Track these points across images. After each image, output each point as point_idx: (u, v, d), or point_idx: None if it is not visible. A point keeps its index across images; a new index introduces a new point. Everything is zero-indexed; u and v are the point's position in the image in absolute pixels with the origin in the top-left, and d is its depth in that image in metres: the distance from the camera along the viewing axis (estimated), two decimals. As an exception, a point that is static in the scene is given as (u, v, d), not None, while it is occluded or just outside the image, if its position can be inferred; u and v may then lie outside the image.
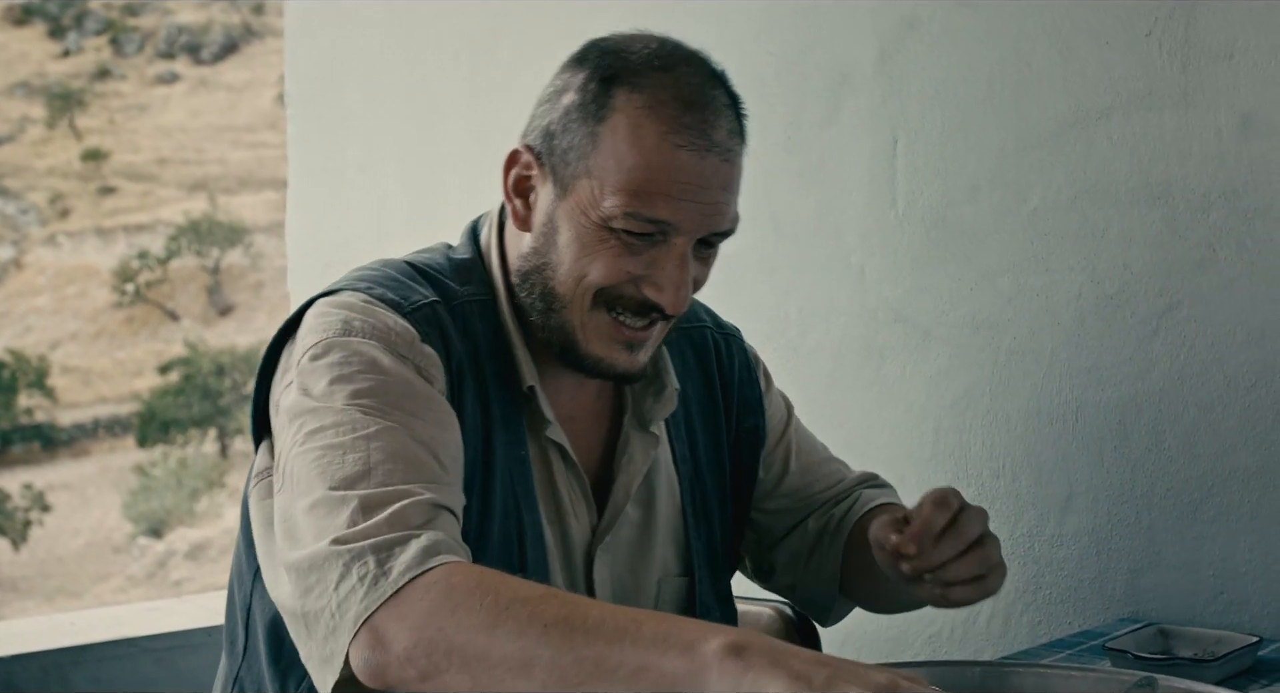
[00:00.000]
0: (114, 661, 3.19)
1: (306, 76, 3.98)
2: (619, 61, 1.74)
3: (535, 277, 1.77)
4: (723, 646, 1.33)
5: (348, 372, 1.65)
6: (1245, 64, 2.21)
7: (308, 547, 1.52)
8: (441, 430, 1.64)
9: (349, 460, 1.56)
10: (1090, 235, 2.39)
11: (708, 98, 1.74)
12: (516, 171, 1.80)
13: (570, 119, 1.74)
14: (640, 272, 1.72)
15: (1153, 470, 2.33)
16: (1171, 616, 2.31)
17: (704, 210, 1.71)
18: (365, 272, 1.82)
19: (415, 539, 1.49)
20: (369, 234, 3.78)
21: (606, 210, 1.69)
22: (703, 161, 1.70)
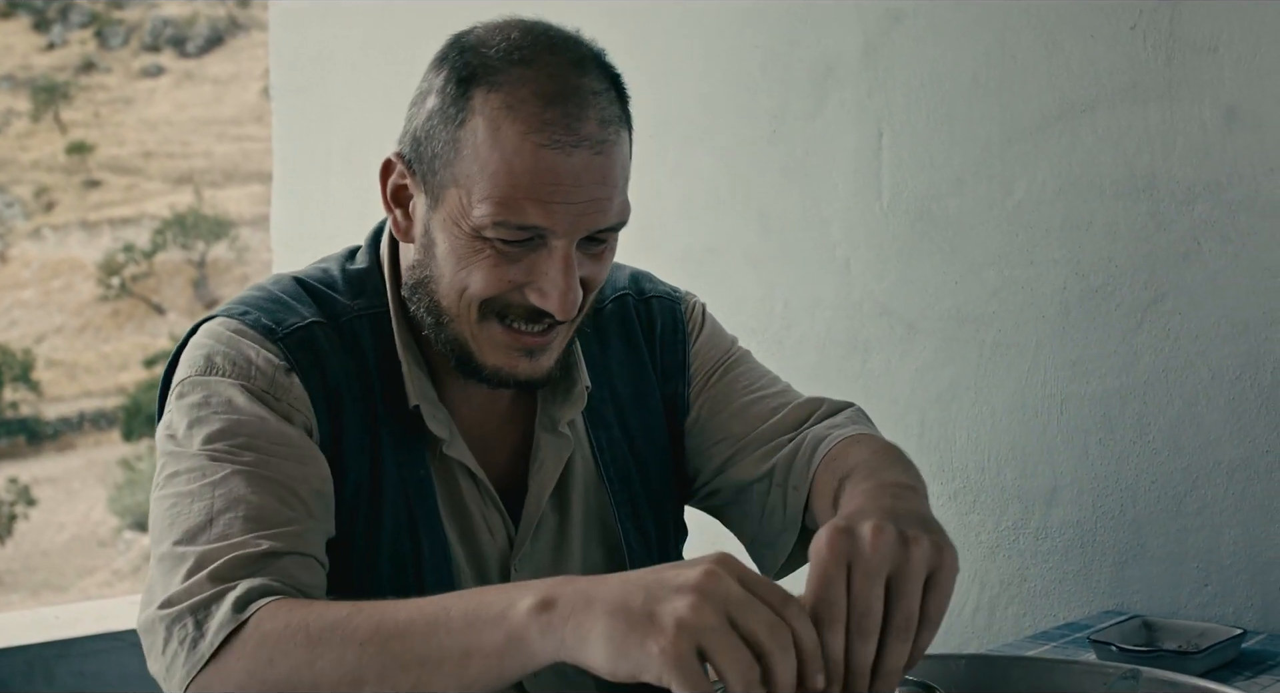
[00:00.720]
0: (98, 655, 3.19)
1: (291, 69, 3.98)
2: (476, 58, 1.63)
3: (421, 290, 1.70)
4: (532, 606, 1.28)
5: (204, 414, 1.62)
6: (1229, 57, 2.21)
7: (146, 610, 1.53)
8: (300, 466, 1.61)
9: (194, 510, 1.55)
10: (1075, 228, 2.39)
11: (571, 88, 1.62)
12: (393, 181, 1.72)
13: (433, 124, 1.65)
14: (523, 279, 1.63)
15: (1137, 463, 2.34)
16: (1156, 608, 2.31)
17: (580, 210, 1.60)
18: (250, 292, 1.77)
19: (230, 593, 1.46)
20: (353, 226, 3.77)
21: (476, 220, 1.59)
22: (570, 159, 1.59)
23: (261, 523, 1.54)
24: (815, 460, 1.80)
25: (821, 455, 1.79)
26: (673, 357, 1.94)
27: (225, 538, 1.51)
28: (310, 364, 1.67)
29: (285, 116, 4.03)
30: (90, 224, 40.00)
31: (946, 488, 2.56)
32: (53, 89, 42.68)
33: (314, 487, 1.61)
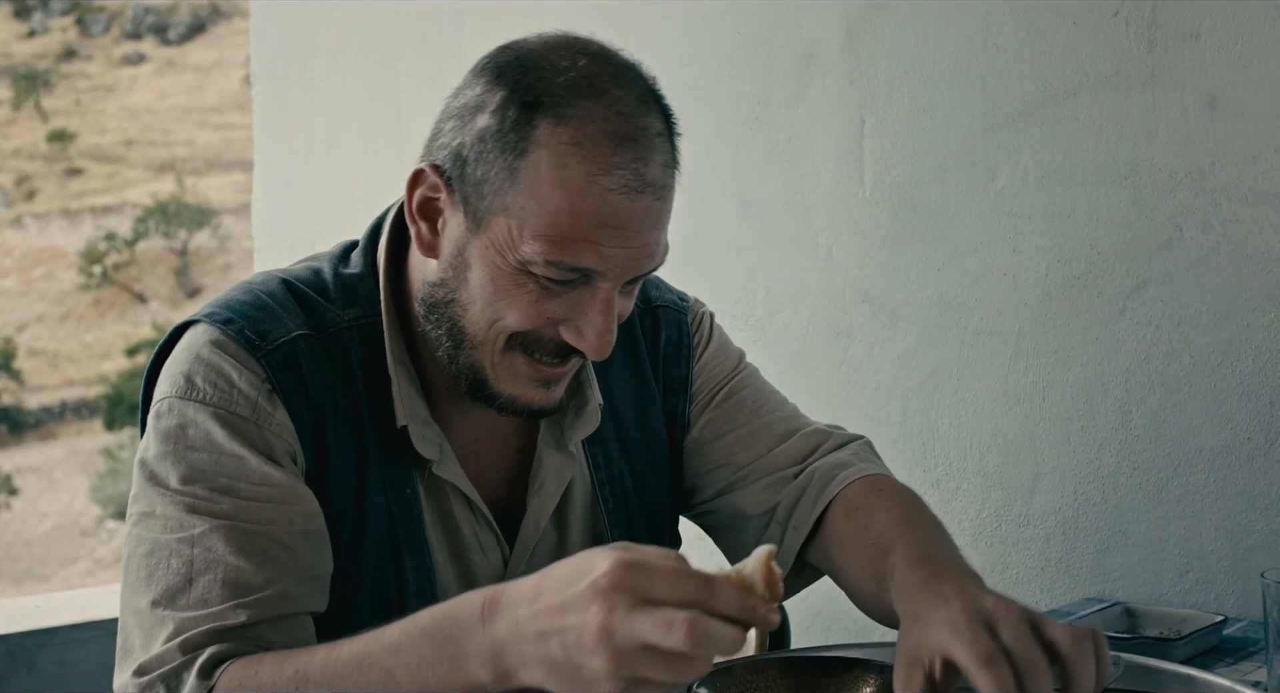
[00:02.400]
0: (80, 643, 3.18)
1: (273, 57, 3.97)
2: (541, 83, 1.55)
3: (443, 311, 1.62)
4: (486, 656, 1.32)
5: (181, 448, 1.57)
6: (1211, 44, 2.21)
7: (122, 674, 1.52)
8: (281, 508, 1.56)
9: (173, 567, 1.52)
10: (1057, 215, 2.39)
11: (640, 129, 1.55)
12: (423, 192, 1.62)
13: (486, 147, 1.55)
14: (561, 315, 1.57)
15: (1119, 450, 2.34)
16: (1137, 595, 2.31)
17: (634, 254, 1.55)
18: (237, 293, 1.69)
19: (198, 659, 1.46)
20: (335, 214, 3.77)
21: (525, 255, 1.52)
22: (634, 204, 1.53)
23: (240, 588, 1.51)
24: (820, 501, 1.78)
25: (830, 496, 1.78)
26: (676, 372, 1.89)
27: (204, 605, 1.50)
28: (294, 385, 1.61)
29: (266, 105, 4.02)
30: (72, 212, 39.88)
31: (929, 476, 2.56)
32: (34, 77, 42.53)
33: (299, 528, 1.56)
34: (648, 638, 1.19)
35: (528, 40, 1.65)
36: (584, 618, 1.22)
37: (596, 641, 1.21)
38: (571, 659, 1.23)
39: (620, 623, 1.20)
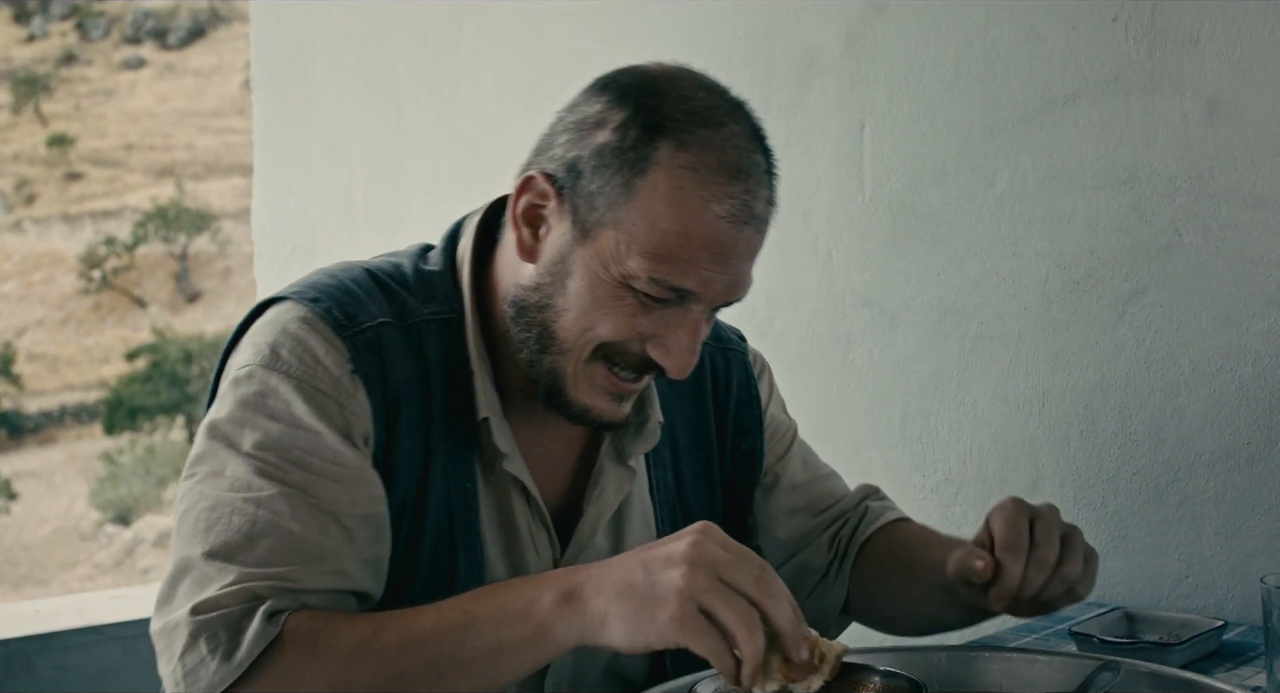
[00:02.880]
0: (79, 648, 3.18)
1: (272, 61, 3.97)
2: (664, 108, 1.60)
3: (535, 314, 1.66)
4: (554, 600, 1.42)
5: (260, 416, 1.59)
6: (1211, 49, 2.21)
7: (170, 612, 1.51)
8: (349, 489, 1.58)
9: (234, 524, 1.53)
10: (1057, 220, 2.39)
11: (752, 164, 1.62)
12: (529, 198, 1.66)
13: (603, 161, 1.60)
14: (650, 332, 1.63)
15: (1119, 455, 2.34)
16: (1137, 599, 2.31)
17: (729, 282, 1.63)
18: (321, 277, 1.73)
19: (262, 607, 1.47)
20: (335, 217, 3.77)
21: (629, 269, 1.58)
22: (740, 234, 1.60)
23: (302, 555, 1.53)
24: (863, 532, 1.98)
25: (871, 529, 1.97)
26: (750, 413, 1.97)
27: (264, 564, 1.51)
28: (375, 369, 1.64)
29: (266, 109, 4.02)
30: (71, 217, 39.90)
31: (928, 480, 2.56)
32: (34, 81, 42.55)
33: (361, 511, 1.59)
34: (725, 570, 1.35)
35: (647, 66, 1.69)
36: (673, 544, 1.38)
37: (682, 556, 1.36)
38: (651, 575, 1.37)
39: (705, 548, 1.36)
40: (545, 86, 3.23)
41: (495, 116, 3.36)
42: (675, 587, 1.35)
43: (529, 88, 3.27)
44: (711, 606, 1.34)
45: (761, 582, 1.36)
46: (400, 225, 3.60)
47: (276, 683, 1.45)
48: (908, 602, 1.87)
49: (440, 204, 3.51)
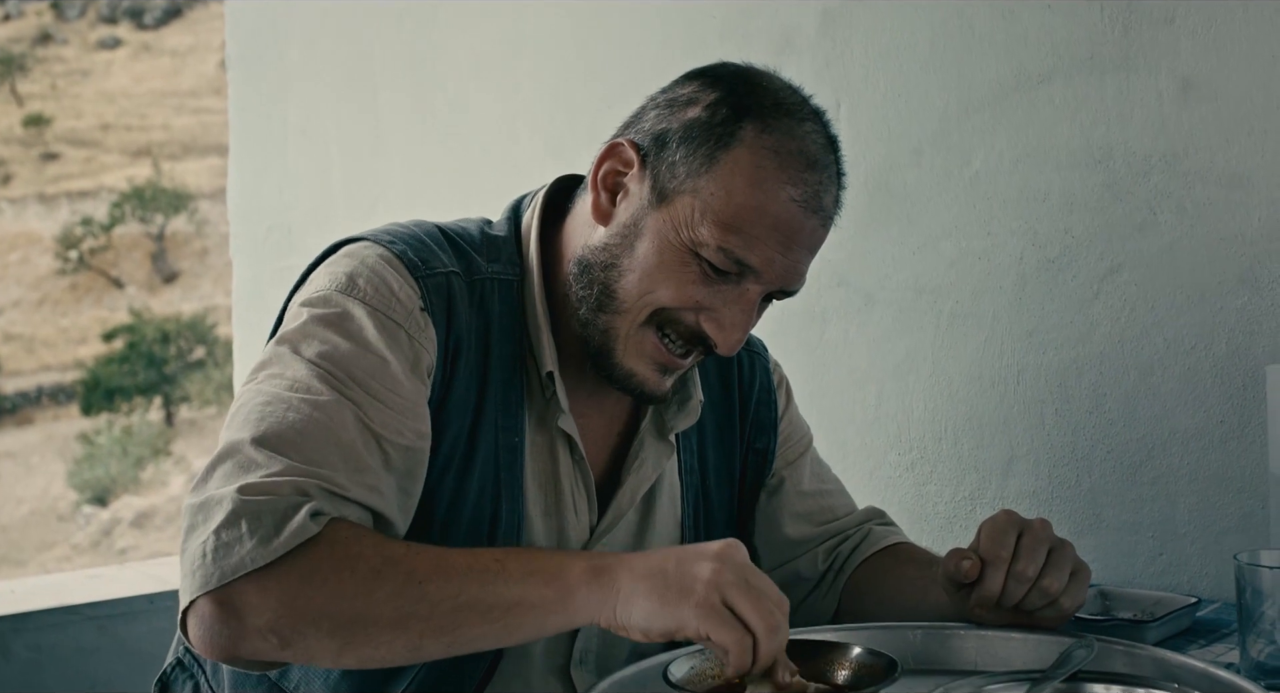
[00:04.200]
0: (55, 628, 3.18)
1: (248, 41, 3.96)
2: (754, 94, 1.71)
3: (599, 273, 1.74)
4: (585, 569, 1.48)
5: (330, 332, 1.64)
6: (1185, 29, 2.22)
7: (215, 486, 1.52)
8: (400, 417, 1.63)
9: (287, 419, 1.56)
10: (1032, 199, 2.40)
11: (827, 162, 1.72)
12: (612, 164, 1.75)
13: (691, 133, 1.70)
14: (707, 303, 1.70)
15: (1093, 433, 2.34)
16: (1111, 577, 2.32)
17: (788, 266, 1.70)
18: (395, 226, 1.79)
19: (308, 505, 1.49)
20: (311, 198, 3.76)
21: (700, 236, 1.67)
22: (807, 221, 1.69)
23: (347, 462, 1.56)
24: (862, 552, 2.02)
25: (872, 549, 2.02)
26: (767, 414, 2.04)
27: (312, 462, 1.54)
28: (443, 311, 1.71)
29: (241, 89, 4.01)
30: (48, 197, 39.71)
31: (904, 459, 2.57)
32: (9, 61, 42.31)
33: (406, 442, 1.63)
34: (751, 576, 1.43)
35: (741, 64, 1.80)
36: (707, 546, 1.46)
37: (714, 554, 1.44)
38: (681, 565, 1.44)
39: (737, 554, 1.45)
40: (521, 67, 3.22)
41: (471, 97, 3.35)
42: (704, 577, 1.42)
43: (504, 68, 3.26)
44: (736, 600, 1.41)
45: (781, 603, 1.45)
46: (376, 205, 3.60)
47: (302, 579, 1.47)
48: (896, 614, 1.86)
49: (415, 184, 3.50)
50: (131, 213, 38.96)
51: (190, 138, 40.83)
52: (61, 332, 37.09)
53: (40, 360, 36.47)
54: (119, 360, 34.55)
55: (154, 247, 38.62)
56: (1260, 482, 2.16)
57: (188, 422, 33.17)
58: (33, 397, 35.86)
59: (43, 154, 40.79)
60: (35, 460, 33.88)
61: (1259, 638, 1.62)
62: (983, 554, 1.68)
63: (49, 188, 40.03)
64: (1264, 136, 2.15)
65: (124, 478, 32.10)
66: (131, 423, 33.27)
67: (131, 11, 44.48)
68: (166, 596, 3.25)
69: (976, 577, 1.67)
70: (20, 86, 42.27)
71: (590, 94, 3.08)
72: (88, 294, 38.06)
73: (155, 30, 44.23)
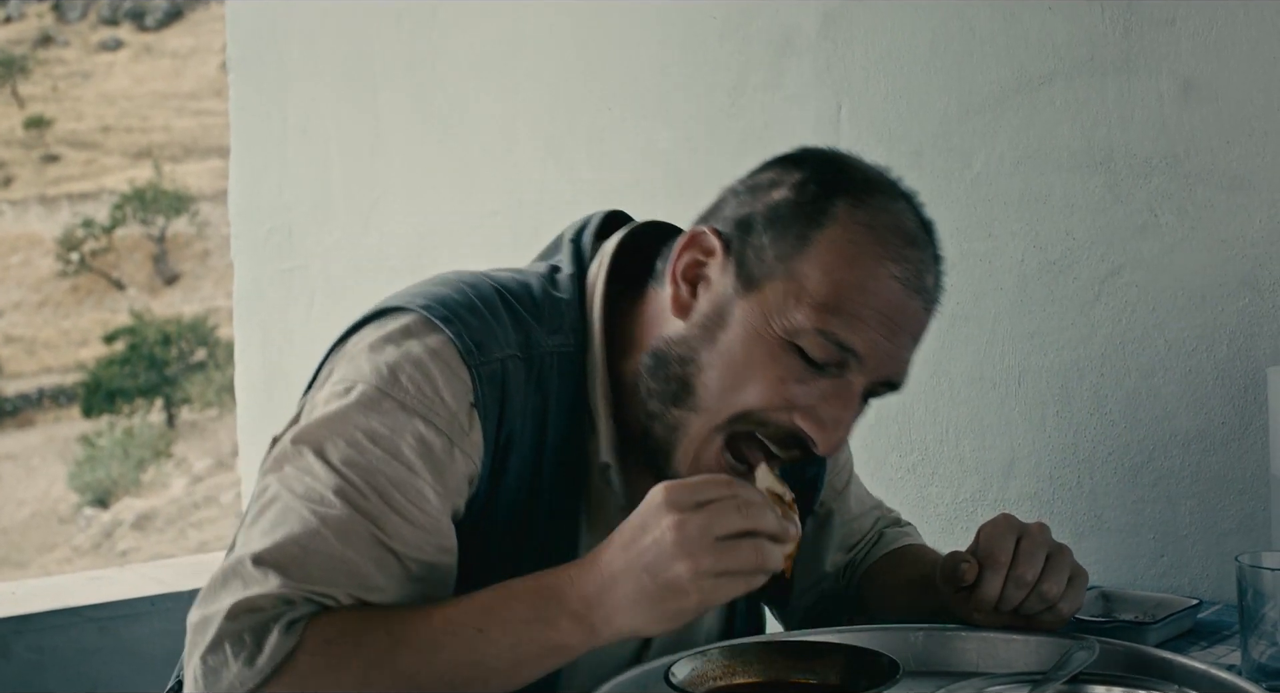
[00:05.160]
0: (56, 630, 3.18)
1: (249, 43, 3.96)
2: (842, 173, 1.62)
3: (676, 367, 1.60)
4: (573, 626, 1.44)
5: (359, 433, 1.54)
6: (1186, 30, 2.21)
7: (209, 605, 1.50)
8: (421, 532, 1.54)
9: (293, 533, 1.50)
10: (1033, 201, 2.39)
11: (925, 241, 1.62)
12: (692, 255, 1.62)
13: (778, 215, 1.58)
14: (803, 402, 1.56)
15: (1094, 435, 2.34)
16: (1112, 579, 2.32)
17: (893, 352, 1.58)
18: (451, 292, 1.64)
19: (284, 616, 1.46)
20: (311, 199, 3.76)
21: (796, 322, 1.54)
22: (910, 302, 1.58)
23: (349, 579, 1.50)
24: (878, 550, 2.03)
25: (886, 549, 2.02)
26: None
27: (308, 581, 1.48)
28: (496, 402, 1.59)
29: (242, 91, 4.01)
30: (49, 199, 39.71)
31: (905, 460, 2.56)
32: (10, 63, 42.32)
33: (426, 558, 1.55)
34: (713, 529, 1.37)
35: (821, 147, 1.70)
36: (657, 533, 1.38)
37: (674, 547, 1.37)
38: (658, 577, 1.38)
39: (687, 524, 1.37)
40: (520, 67, 3.22)
41: (471, 98, 3.35)
42: (685, 579, 1.37)
43: (504, 69, 3.26)
44: (723, 569, 1.37)
45: (744, 511, 1.39)
46: (376, 205, 3.60)
47: (295, 689, 1.45)
48: (896, 615, 1.85)
49: (415, 184, 3.50)
50: (132, 215, 38.97)
51: (191, 140, 40.84)
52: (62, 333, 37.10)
53: (41, 362, 36.48)
54: (120, 362, 34.56)
55: (155, 248, 38.62)
56: (1261, 484, 2.15)
57: (189, 423, 33.17)
58: (34, 399, 35.87)
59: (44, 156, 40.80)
60: (36, 462, 33.88)
61: (1260, 640, 1.61)
62: (981, 558, 1.66)
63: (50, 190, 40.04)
64: (1265, 138, 2.15)
65: (125, 480, 32.10)
66: (132, 425, 33.27)
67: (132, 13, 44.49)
68: (168, 597, 3.25)
69: (974, 580, 1.66)
70: (21, 88, 42.29)
71: (590, 94, 3.08)
72: (89, 296, 38.07)
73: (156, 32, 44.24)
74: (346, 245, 3.68)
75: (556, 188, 3.14)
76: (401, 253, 3.52)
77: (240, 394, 4.15)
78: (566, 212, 3.09)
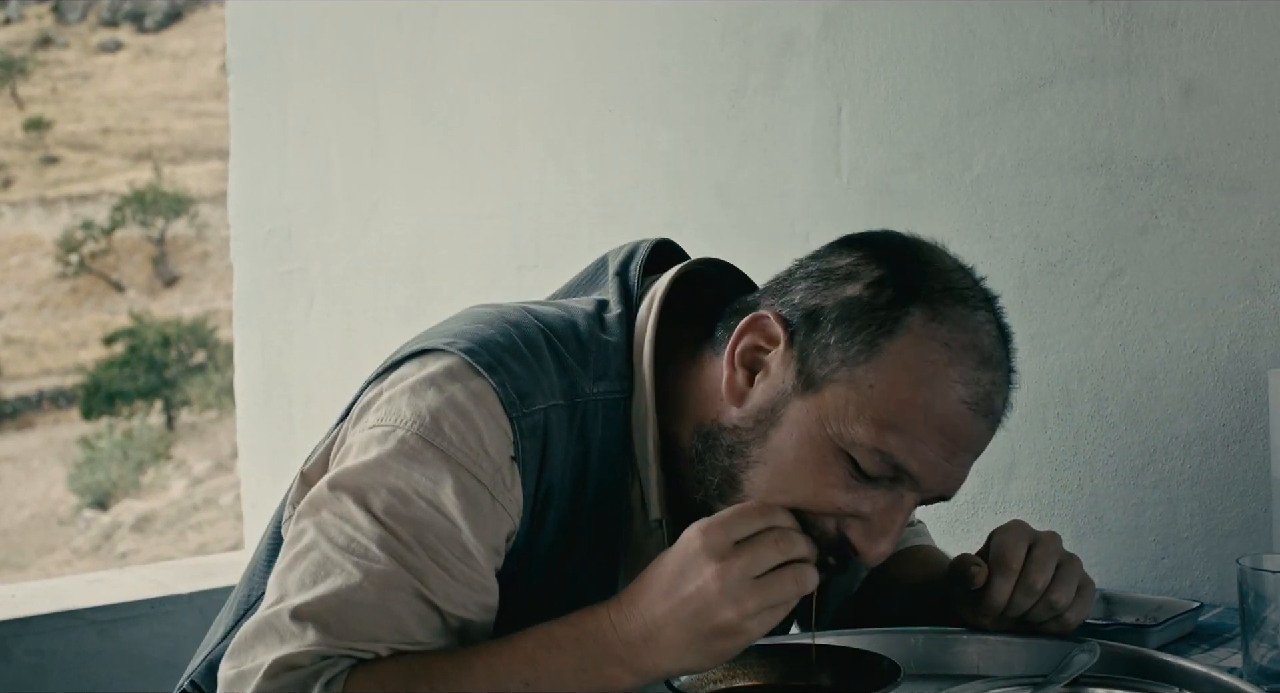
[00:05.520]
0: (56, 633, 3.18)
1: (249, 44, 3.96)
2: (923, 275, 1.53)
3: (723, 458, 1.55)
4: (626, 674, 1.44)
5: (403, 484, 1.50)
6: (1187, 32, 2.21)
7: (245, 663, 1.48)
8: (466, 588, 1.51)
9: (335, 586, 1.47)
10: (1033, 203, 2.39)
11: (1000, 359, 1.55)
12: (753, 338, 1.56)
13: (849, 314, 1.51)
14: (850, 509, 1.50)
15: (1095, 437, 2.34)
16: (1113, 581, 2.31)
17: (950, 472, 1.52)
18: (493, 332, 1.58)
19: (324, 674, 1.44)
20: (311, 201, 3.76)
21: (853, 434, 1.47)
22: (975, 426, 1.51)
23: (390, 634, 1.48)
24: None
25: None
26: None
27: (348, 637, 1.46)
28: (535, 456, 1.54)
29: (242, 92, 4.01)
30: (48, 201, 39.71)
31: (905, 463, 2.56)
32: (9, 64, 42.33)
33: (468, 615, 1.51)
34: (754, 569, 1.39)
35: (906, 234, 1.63)
36: (701, 582, 1.39)
37: (719, 595, 1.38)
38: (707, 624, 1.39)
39: (730, 570, 1.38)
40: (521, 69, 3.22)
41: (471, 98, 3.35)
42: (735, 622, 1.38)
43: (505, 71, 3.26)
44: (769, 604, 1.39)
45: (780, 544, 1.41)
46: (376, 208, 3.59)
47: None
48: (897, 617, 1.83)
49: (415, 185, 3.50)
50: (132, 216, 38.97)
51: (191, 141, 40.85)
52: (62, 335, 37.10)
53: (41, 364, 36.48)
54: (120, 364, 34.56)
55: (155, 250, 38.62)
56: (1263, 486, 2.15)
57: (188, 425, 33.16)
58: (33, 401, 35.86)
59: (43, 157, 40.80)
60: (36, 464, 33.88)
61: (1262, 642, 1.61)
62: (992, 563, 1.65)
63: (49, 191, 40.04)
64: (1266, 140, 2.15)
65: (125, 482, 32.09)
66: (132, 427, 33.27)
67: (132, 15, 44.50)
68: (167, 600, 3.25)
69: (984, 584, 1.65)
70: (21, 90, 42.30)
71: (590, 95, 3.08)
72: (88, 298, 38.07)
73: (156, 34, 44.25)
74: (346, 247, 3.68)
75: (556, 189, 3.14)
76: (401, 254, 3.52)
77: (240, 396, 4.15)
78: (567, 213, 3.10)
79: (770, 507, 1.44)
